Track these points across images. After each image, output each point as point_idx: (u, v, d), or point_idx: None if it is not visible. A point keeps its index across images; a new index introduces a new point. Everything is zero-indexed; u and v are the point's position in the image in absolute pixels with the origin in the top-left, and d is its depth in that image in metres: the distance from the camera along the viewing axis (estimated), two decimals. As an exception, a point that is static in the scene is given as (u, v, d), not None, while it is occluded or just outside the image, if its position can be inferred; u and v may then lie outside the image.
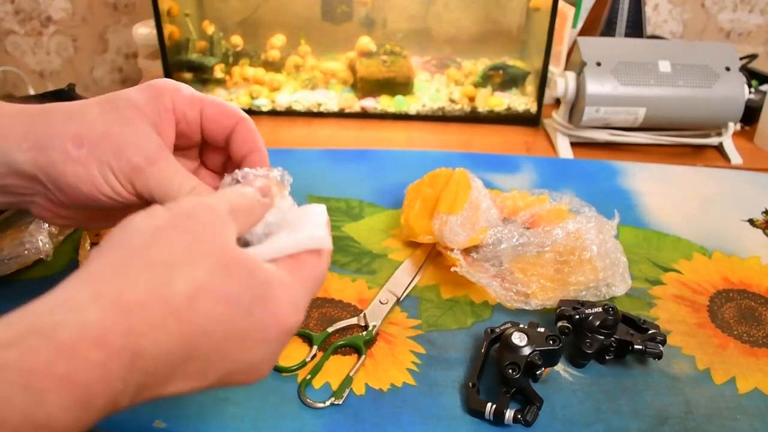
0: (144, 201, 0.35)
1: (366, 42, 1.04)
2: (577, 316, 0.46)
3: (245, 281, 0.27)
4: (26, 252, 0.52)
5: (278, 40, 1.04)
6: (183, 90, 0.38)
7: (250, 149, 0.39)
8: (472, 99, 1.04)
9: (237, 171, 0.36)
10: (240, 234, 0.31)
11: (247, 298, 0.27)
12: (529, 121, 1.03)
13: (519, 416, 0.41)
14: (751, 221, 0.66)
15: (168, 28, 0.97)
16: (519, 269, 0.53)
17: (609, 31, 1.10)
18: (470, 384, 0.44)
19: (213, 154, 0.41)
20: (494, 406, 0.42)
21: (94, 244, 0.53)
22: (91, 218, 0.38)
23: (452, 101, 1.04)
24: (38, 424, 0.21)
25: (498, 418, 0.41)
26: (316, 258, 0.32)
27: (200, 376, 0.27)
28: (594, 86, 0.89)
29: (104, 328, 0.23)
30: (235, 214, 0.30)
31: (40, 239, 0.53)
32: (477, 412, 0.42)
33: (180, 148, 0.39)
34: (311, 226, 0.33)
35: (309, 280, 0.31)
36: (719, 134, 0.94)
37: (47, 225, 0.53)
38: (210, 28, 1.04)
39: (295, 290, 0.30)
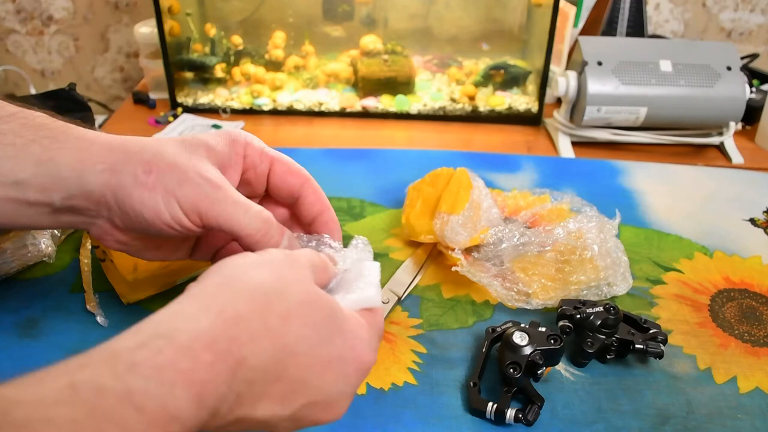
0: (204, 231, 0.36)
1: (371, 40, 1.04)
2: (579, 316, 0.46)
3: (328, 314, 0.31)
4: (29, 254, 0.52)
5: (279, 37, 1.04)
6: (255, 142, 0.40)
7: (320, 210, 0.41)
8: (473, 98, 1.04)
9: (310, 236, 0.40)
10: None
11: (330, 328, 0.30)
12: (531, 120, 1.03)
13: (520, 416, 0.41)
14: (753, 221, 0.66)
15: (169, 24, 0.97)
16: (520, 268, 0.53)
17: (610, 30, 1.10)
18: (471, 383, 0.44)
19: (271, 206, 0.42)
20: (495, 405, 0.42)
21: (95, 247, 0.53)
22: (145, 247, 0.39)
23: (453, 101, 1.04)
24: (171, 414, 0.23)
25: (499, 418, 0.41)
26: (372, 314, 0.35)
27: (286, 400, 0.29)
28: (595, 86, 0.89)
29: (213, 334, 0.26)
30: (313, 269, 0.33)
31: (43, 241, 0.53)
32: (478, 412, 0.42)
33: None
34: (364, 285, 0.36)
35: (375, 326, 0.34)
36: (720, 134, 0.94)
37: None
38: (212, 30, 1.04)
39: (369, 331, 0.33)
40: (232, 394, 0.26)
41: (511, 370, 0.42)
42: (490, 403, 0.42)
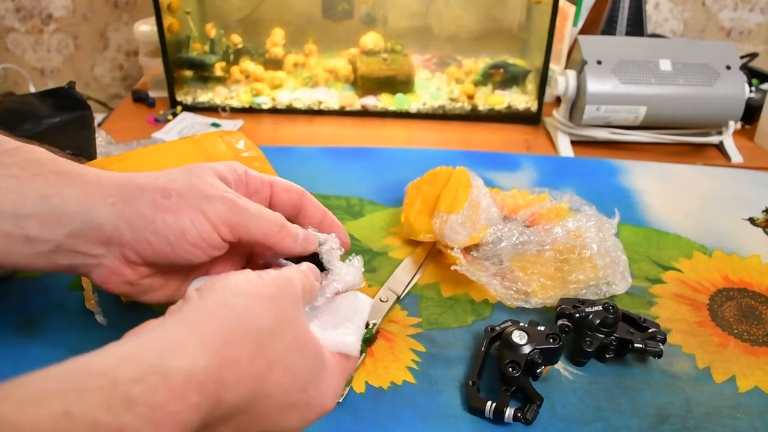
0: (226, 246, 0.37)
1: (372, 38, 1.04)
2: (578, 315, 0.46)
3: (311, 364, 0.32)
4: None
5: (277, 35, 1.04)
6: (251, 171, 0.41)
7: (321, 215, 0.42)
8: (472, 97, 1.04)
9: (321, 233, 0.41)
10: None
11: (308, 378, 0.32)
12: (530, 119, 1.03)
13: (519, 414, 0.41)
14: (752, 220, 0.66)
15: (168, 21, 0.97)
16: (519, 267, 0.53)
17: (610, 29, 1.10)
18: (470, 382, 0.44)
19: None
20: (494, 404, 0.42)
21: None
22: (152, 285, 0.39)
23: (453, 99, 1.04)
24: None
25: (498, 417, 0.41)
26: (348, 360, 0.36)
27: (243, 428, 0.30)
28: (595, 85, 0.89)
29: (205, 377, 0.27)
30: (304, 293, 0.34)
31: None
32: (477, 411, 0.42)
33: None
34: (350, 330, 0.37)
35: (346, 373, 0.36)
36: (720, 133, 0.94)
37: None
38: (212, 31, 1.04)
39: (338, 379, 0.34)
40: (201, 425, 0.27)
41: (510, 369, 0.42)
42: (489, 402, 0.42)
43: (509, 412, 0.41)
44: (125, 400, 0.24)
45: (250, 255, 0.42)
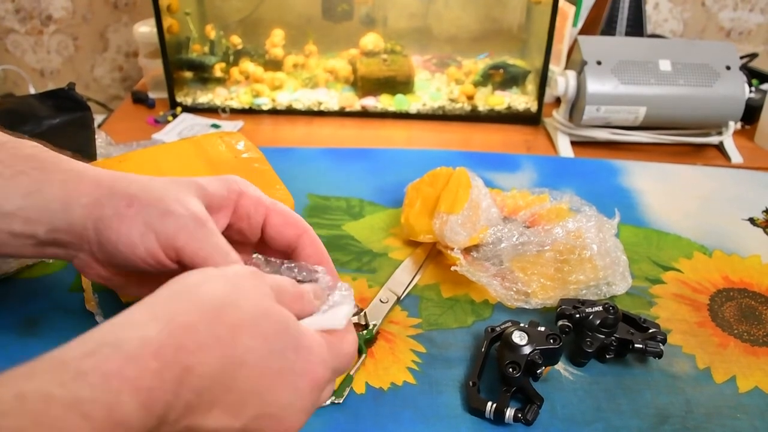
0: (178, 268, 0.35)
1: (372, 39, 1.04)
2: (578, 315, 0.46)
3: (281, 328, 0.30)
4: None
5: (277, 35, 1.04)
6: (250, 191, 0.39)
7: (318, 263, 0.39)
8: (472, 98, 1.04)
9: (301, 266, 0.38)
10: None
11: (282, 341, 0.30)
12: (530, 119, 1.03)
13: (519, 415, 0.41)
14: (752, 220, 0.66)
15: (167, 22, 0.97)
16: (519, 268, 0.53)
17: (609, 29, 1.10)
18: (471, 383, 0.44)
19: (269, 251, 0.41)
20: (495, 404, 0.42)
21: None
22: (128, 283, 0.39)
23: (452, 100, 1.04)
24: (117, 421, 0.24)
25: (498, 417, 0.41)
26: (333, 335, 0.34)
27: (236, 411, 0.29)
28: (594, 85, 0.89)
29: (160, 342, 0.26)
30: (278, 293, 0.32)
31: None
32: (477, 411, 0.42)
33: (236, 243, 0.39)
34: (331, 312, 0.35)
35: (335, 349, 0.33)
36: (720, 133, 0.94)
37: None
38: (212, 32, 1.04)
39: (324, 350, 0.32)
40: (180, 402, 0.26)
41: (511, 370, 0.42)
42: (490, 403, 0.42)
43: (509, 412, 0.41)
44: (77, 374, 0.23)
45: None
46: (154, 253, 0.34)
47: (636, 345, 0.46)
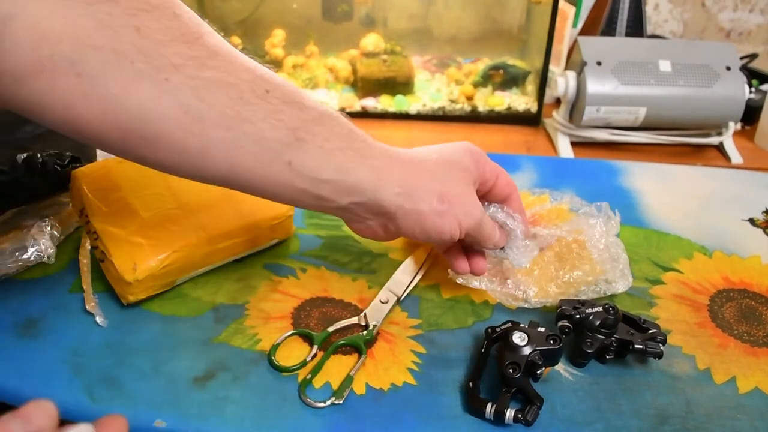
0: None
1: (372, 40, 1.04)
2: (578, 316, 0.46)
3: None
4: (29, 256, 0.52)
5: (278, 36, 1.04)
6: (485, 158, 0.48)
7: (519, 211, 0.51)
8: (471, 98, 1.04)
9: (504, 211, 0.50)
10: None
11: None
12: (530, 120, 1.03)
13: (519, 416, 0.41)
14: (752, 221, 0.66)
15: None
16: (519, 268, 0.53)
17: (609, 30, 1.10)
18: (470, 383, 0.44)
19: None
20: (495, 405, 0.42)
21: (94, 248, 0.53)
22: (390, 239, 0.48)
23: (452, 101, 1.04)
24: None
25: (498, 418, 0.41)
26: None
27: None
28: (594, 86, 0.89)
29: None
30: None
31: (42, 242, 0.52)
32: (477, 412, 0.42)
33: None
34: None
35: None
36: (720, 134, 0.94)
37: (50, 227, 0.53)
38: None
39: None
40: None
41: (511, 371, 0.42)
42: (490, 404, 0.42)
43: (509, 413, 0.41)
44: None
45: None
46: (455, 236, 0.45)
47: (636, 345, 0.46)
